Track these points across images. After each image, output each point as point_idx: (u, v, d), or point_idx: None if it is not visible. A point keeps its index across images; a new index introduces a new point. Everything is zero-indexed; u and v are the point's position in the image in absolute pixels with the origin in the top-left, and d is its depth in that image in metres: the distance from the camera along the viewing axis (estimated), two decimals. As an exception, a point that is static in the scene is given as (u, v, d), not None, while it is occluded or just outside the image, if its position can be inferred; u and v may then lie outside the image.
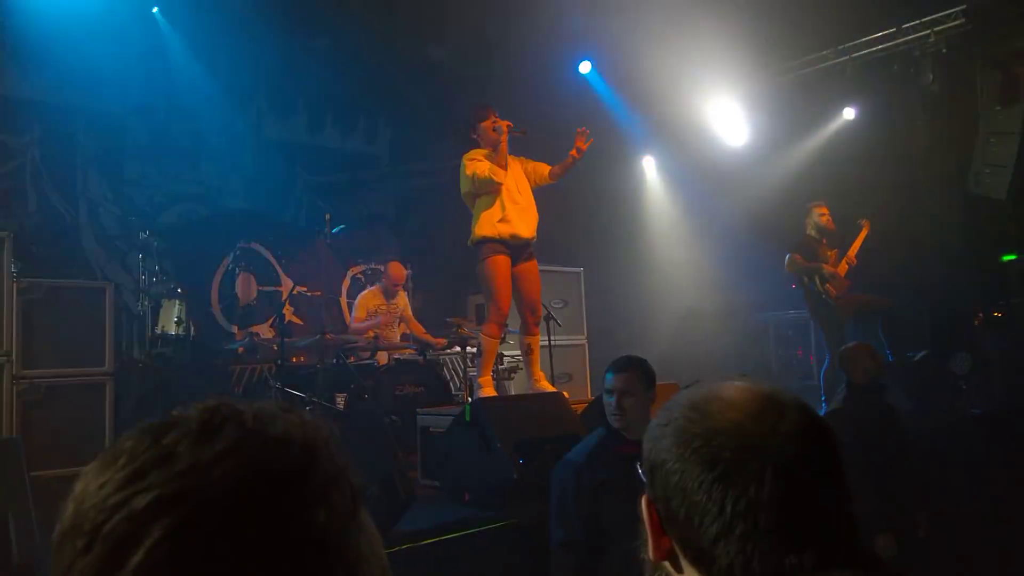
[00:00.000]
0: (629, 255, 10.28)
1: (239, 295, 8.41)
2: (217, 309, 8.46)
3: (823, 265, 7.32)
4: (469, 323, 7.11)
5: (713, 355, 9.05)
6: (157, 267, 7.93)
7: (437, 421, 5.09)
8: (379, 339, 7.30)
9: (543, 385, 5.77)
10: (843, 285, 7.33)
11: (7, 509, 2.85)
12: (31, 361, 5.64)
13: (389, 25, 8.82)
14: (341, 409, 6.12)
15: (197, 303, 8.10)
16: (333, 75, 9.49)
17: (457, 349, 7.60)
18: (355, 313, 7.66)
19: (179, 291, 7.92)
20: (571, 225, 9.12)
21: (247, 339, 7.01)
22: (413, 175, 11.00)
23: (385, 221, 10.76)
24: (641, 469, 1.04)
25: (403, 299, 7.83)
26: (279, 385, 6.18)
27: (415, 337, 7.75)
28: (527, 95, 8.33)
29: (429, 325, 7.97)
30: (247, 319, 8.41)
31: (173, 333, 7.52)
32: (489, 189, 5.52)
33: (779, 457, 0.93)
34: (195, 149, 9.09)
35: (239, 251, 8.51)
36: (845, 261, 7.41)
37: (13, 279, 5.55)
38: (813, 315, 7.78)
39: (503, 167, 5.52)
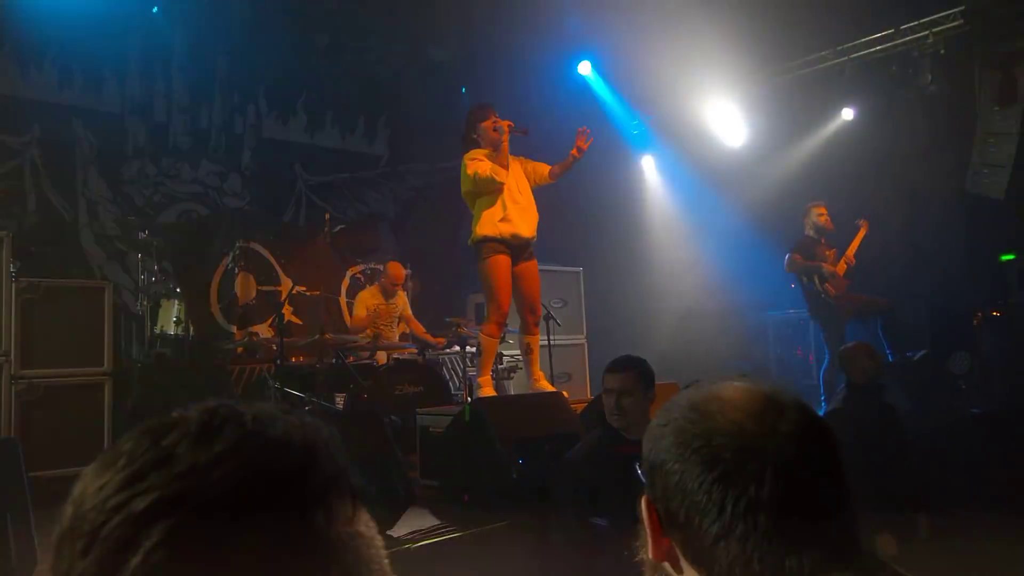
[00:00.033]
0: (629, 255, 10.28)
1: (238, 295, 8.40)
2: (216, 309, 8.46)
3: (822, 265, 7.32)
4: (468, 323, 7.12)
5: (712, 355, 9.05)
6: (156, 267, 7.92)
7: (437, 421, 5.09)
8: (378, 339, 7.30)
9: (543, 385, 5.77)
10: (842, 285, 7.34)
11: (5, 510, 2.84)
12: (30, 361, 5.63)
13: (389, 25, 8.82)
14: (340, 409, 6.12)
15: (196, 303, 8.10)
16: (333, 75, 9.49)
17: (457, 349, 7.61)
18: (355, 312, 7.66)
19: (178, 291, 7.92)
20: (571, 225, 9.12)
21: (246, 339, 7.01)
22: (412, 175, 11.00)
23: (384, 221, 10.75)
24: (640, 469, 1.04)
25: (402, 299, 7.83)
26: (278, 385, 6.18)
27: (415, 336, 7.75)
28: (527, 95, 8.34)
29: (428, 325, 7.97)
30: (246, 319, 8.40)
31: (172, 333, 7.52)
32: (491, 189, 5.52)
33: (779, 457, 0.92)
34: (195, 149, 9.09)
35: (238, 251, 8.50)
36: (844, 261, 7.42)
37: (12, 279, 5.55)
38: (812, 315, 7.78)
39: (504, 167, 5.52)
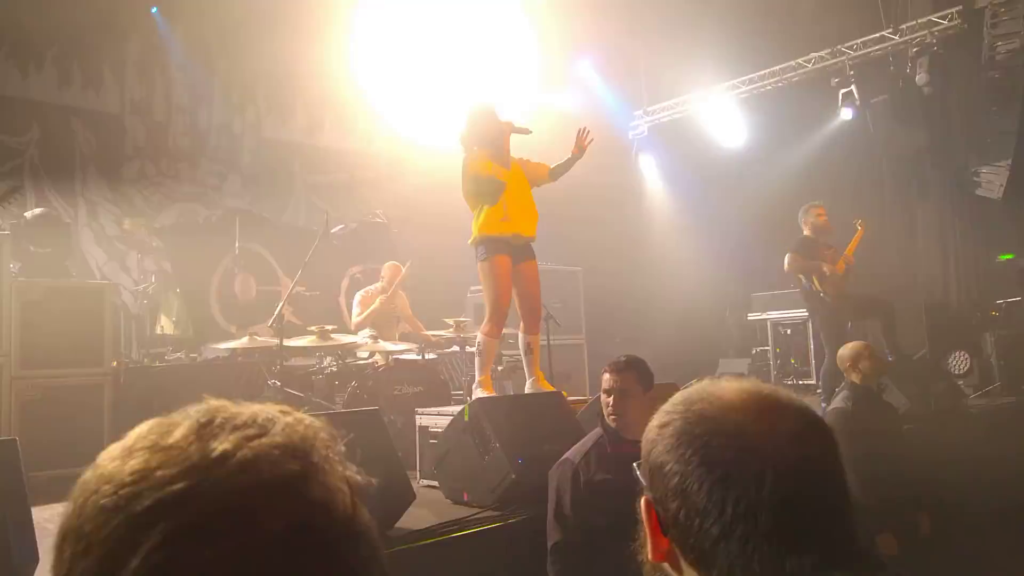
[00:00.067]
0: (628, 255, 10.29)
1: (238, 295, 8.40)
2: (216, 309, 8.46)
3: (822, 265, 7.32)
4: (468, 323, 7.12)
5: (711, 355, 9.06)
6: (156, 267, 7.93)
7: (436, 421, 5.09)
8: (378, 339, 7.29)
9: (542, 384, 5.77)
10: (841, 285, 7.33)
11: (5, 510, 2.84)
12: (30, 361, 5.63)
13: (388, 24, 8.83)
14: (340, 409, 6.11)
15: (196, 303, 8.10)
16: (331, 75, 9.49)
17: (456, 349, 7.61)
18: (355, 310, 7.66)
19: (178, 291, 7.93)
20: (570, 225, 9.12)
21: (246, 339, 6.99)
22: (412, 175, 11.00)
23: (384, 221, 10.75)
24: (639, 470, 1.04)
25: (401, 299, 7.83)
26: (278, 385, 6.18)
27: (414, 336, 7.75)
28: (526, 95, 8.34)
29: (428, 325, 7.96)
30: (246, 319, 8.40)
31: (172, 333, 7.52)
32: (492, 188, 5.51)
33: (779, 458, 0.92)
34: (194, 150, 9.09)
35: (238, 251, 8.50)
36: (843, 260, 7.42)
37: (12, 279, 5.55)
38: (812, 315, 7.78)
39: (506, 166, 5.51)
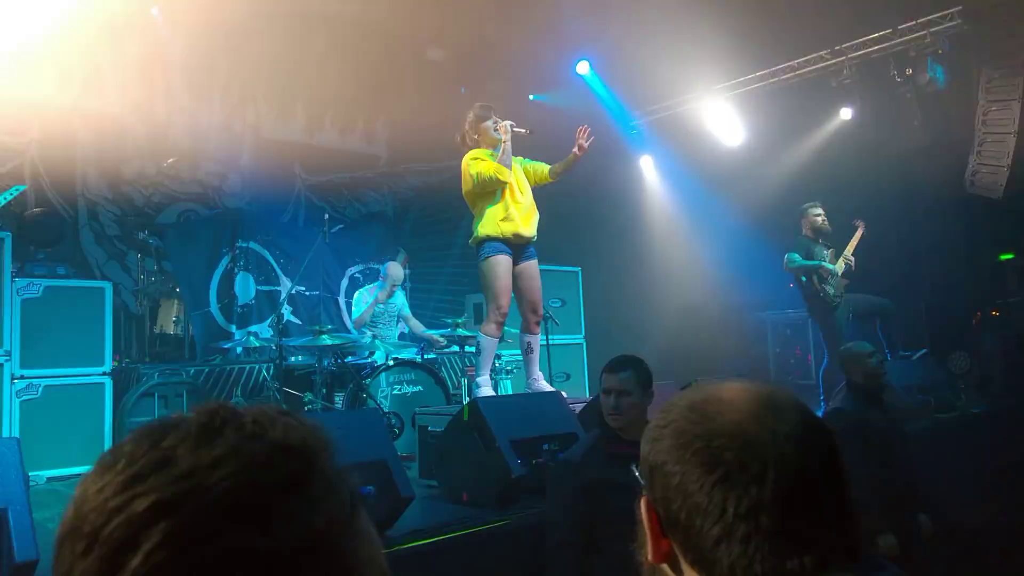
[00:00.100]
0: (627, 254, 10.29)
1: (238, 295, 8.40)
2: (216, 309, 8.46)
3: (821, 264, 7.32)
4: (467, 323, 7.12)
5: (711, 355, 9.06)
6: (156, 267, 7.93)
7: (435, 421, 5.09)
8: (378, 338, 7.30)
9: (541, 384, 5.77)
10: (841, 284, 7.34)
11: (5, 509, 2.85)
12: (30, 360, 5.65)
13: (389, 24, 8.82)
14: (339, 409, 6.12)
15: (196, 303, 8.10)
16: (332, 75, 9.49)
17: (456, 348, 7.61)
18: (354, 311, 7.67)
19: (178, 291, 7.93)
20: (569, 224, 9.13)
21: (246, 339, 7.01)
22: (411, 175, 11.01)
23: (383, 221, 10.76)
24: (638, 470, 1.04)
25: (401, 299, 7.83)
26: (277, 385, 6.18)
27: (414, 334, 7.75)
28: (526, 95, 8.34)
29: (428, 325, 7.97)
30: (246, 319, 8.41)
31: (172, 333, 7.53)
32: (494, 188, 5.51)
33: (780, 458, 0.92)
34: (194, 150, 9.09)
35: (238, 251, 8.51)
36: (843, 260, 7.42)
37: (12, 279, 5.56)
38: (811, 314, 7.78)
39: (507, 166, 5.51)
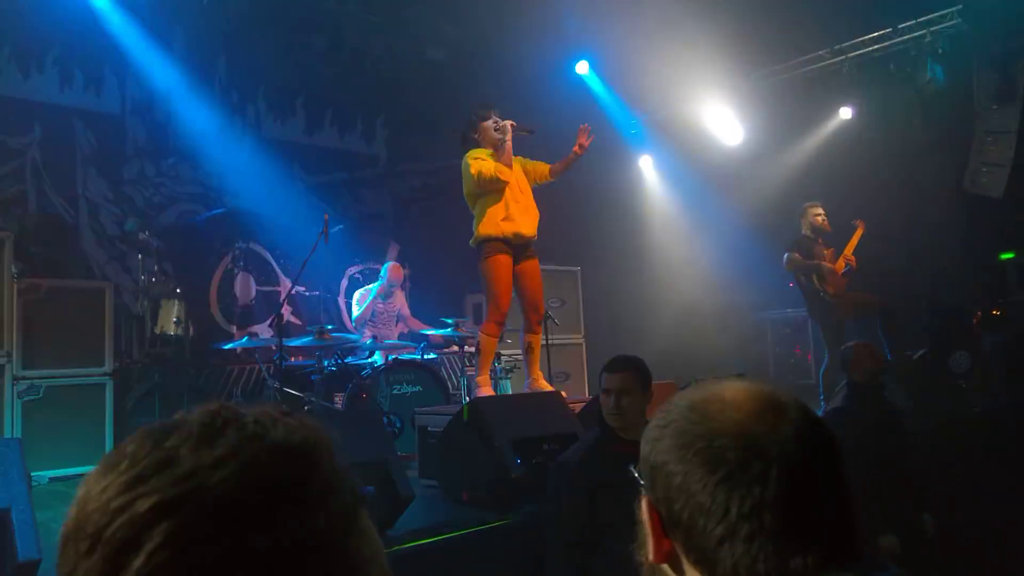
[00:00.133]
0: (626, 254, 10.29)
1: (238, 295, 8.40)
2: (216, 309, 8.46)
3: (821, 263, 7.32)
4: (467, 323, 7.12)
5: (711, 354, 9.05)
6: (156, 267, 7.93)
7: (435, 420, 5.09)
8: (378, 338, 7.31)
9: (541, 384, 5.78)
10: (841, 284, 7.33)
11: (8, 509, 2.85)
12: (31, 361, 5.66)
13: (388, 24, 8.83)
14: (339, 409, 6.12)
15: (196, 303, 8.10)
16: (331, 75, 9.49)
17: (456, 348, 7.62)
18: (354, 311, 7.68)
19: (178, 291, 7.92)
20: (569, 224, 9.12)
21: (246, 339, 7.01)
22: (411, 175, 11.01)
23: (383, 221, 10.75)
24: (639, 470, 1.03)
25: (400, 299, 7.83)
26: (278, 385, 6.18)
27: (413, 333, 7.75)
28: (525, 95, 8.33)
29: (427, 325, 7.97)
30: (246, 319, 8.41)
31: (172, 333, 7.52)
32: (495, 188, 5.50)
33: (783, 458, 0.92)
34: (194, 150, 9.09)
35: (238, 251, 8.50)
36: (843, 260, 7.42)
37: (13, 279, 5.56)
38: (811, 314, 7.78)
39: (509, 166, 5.51)
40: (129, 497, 0.60)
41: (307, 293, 8.32)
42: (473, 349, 5.94)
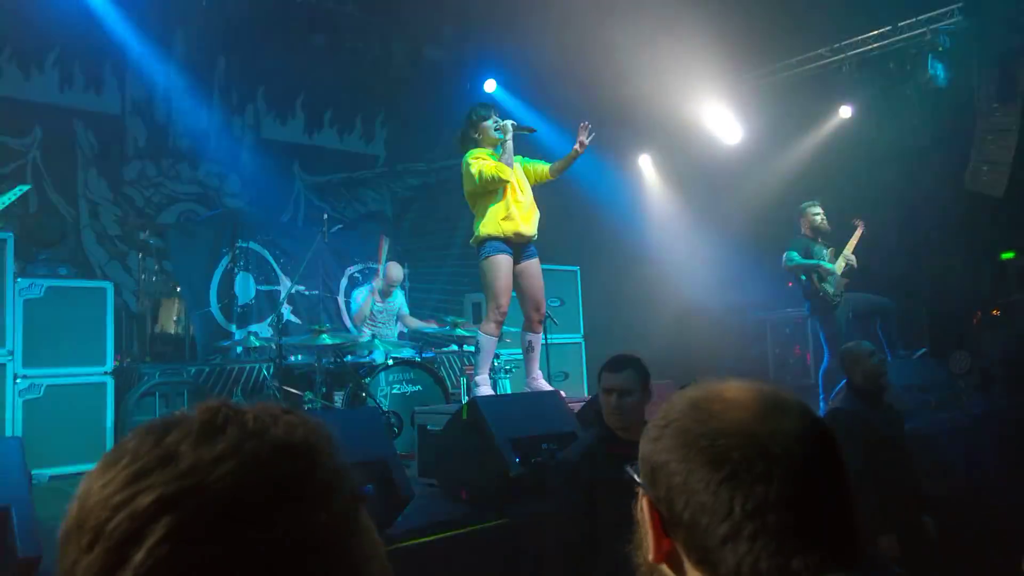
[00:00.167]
0: (626, 253, 10.26)
1: (238, 294, 8.40)
2: (216, 308, 8.46)
3: (821, 263, 7.31)
4: (466, 323, 7.12)
5: (710, 354, 9.05)
6: (157, 267, 7.94)
7: (434, 420, 5.09)
8: (377, 338, 7.31)
9: (541, 383, 5.78)
10: (841, 284, 7.33)
11: (8, 508, 2.86)
12: (32, 360, 5.67)
13: (388, 24, 8.83)
14: (338, 408, 6.12)
15: (196, 302, 8.11)
16: (331, 75, 9.49)
17: (455, 348, 7.61)
18: (354, 306, 7.68)
19: (178, 290, 7.93)
20: (568, 223, 9.11)
21: (246, 338, 7.01)
22: (410, 175, 11.01)
23: (382, 220, 10.76)
24: (639, 469, 1.03)
25: (400, 298, 7.83)
26: (277, 384, 6.19)
27: (412, 331, 7.75)
28: (525, 95, 8.34)
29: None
30: (246, 318, 8.41)
31: (172, 332, 7.53)
32: (495, 187, 5.50)
33: (786, 457, 0.92)
34: (194, 150, 9.10)
35: (238, 250, 8.50)
36: (843, 260, 7.41)
37: (15, 279, 5.58)
38: (811, 313, 7.77)
39: (510, 165, 5.51)
40: (130, 492, 0.61)
41: (307, 292, 8.33)
42: (472, 348, 5.94)
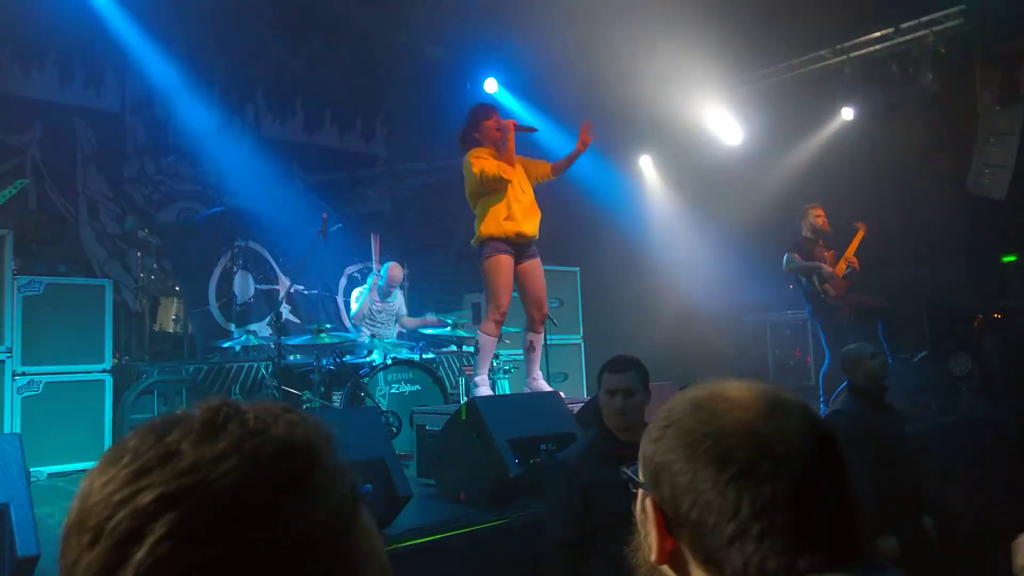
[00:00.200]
0: (626, 254, 10.26)
1: (237, 293, 8.40)
2: (215, 307, 8.46)
3: (822, 265, 7.31)
4: (466, 323, 7.12)
5: (710, 356, 9.05)
6: (156, 265, 7.94)
7: (433, 420, 5.09)
8: (376, 337, 7.30)
9: (540, 384, 5.77)
10: (842, 286, 7.32)
11: (7, 505, 2.86)
12: (31, 358, 5.68)
13: (388, 23, 8.83)
14: (337, 407, 6.12)
15: (195, 301, 8.11)
16: (331, 75, 9.50)
17: (454, 348, 7.61)
18: (353, 306, 7.68)
19: (177, 289, 7.93)
20: (567, 224, 9.11)
21: (244, 337, 7.01)
22: (410, 174, 11.01)
23: (382, 220, 10.76)
24: (640, 469, 1.03)
25: (399, 298, 7.83)
26: (276, 383, 6.19)
27: (411, 330, 7.75)
28: (525, 95, 8.35)
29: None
30: (245, 317, 8.41)
31: (171, 331, 7.53)
32: (497, 187, 5.49)
33: (790, 457, 0.93)
34: (194, 149, 9.10)
35: (237, 249, 8.50)
36: (844, 262, 7.40)
37: (13, 276, 5.58)
38: (813, 315, 7.77)
39: (511, 164, 5.50)
40: (131, 490, 0.60)
41: (306, 292, 8.33)
42: (471, 348, 5.94)
